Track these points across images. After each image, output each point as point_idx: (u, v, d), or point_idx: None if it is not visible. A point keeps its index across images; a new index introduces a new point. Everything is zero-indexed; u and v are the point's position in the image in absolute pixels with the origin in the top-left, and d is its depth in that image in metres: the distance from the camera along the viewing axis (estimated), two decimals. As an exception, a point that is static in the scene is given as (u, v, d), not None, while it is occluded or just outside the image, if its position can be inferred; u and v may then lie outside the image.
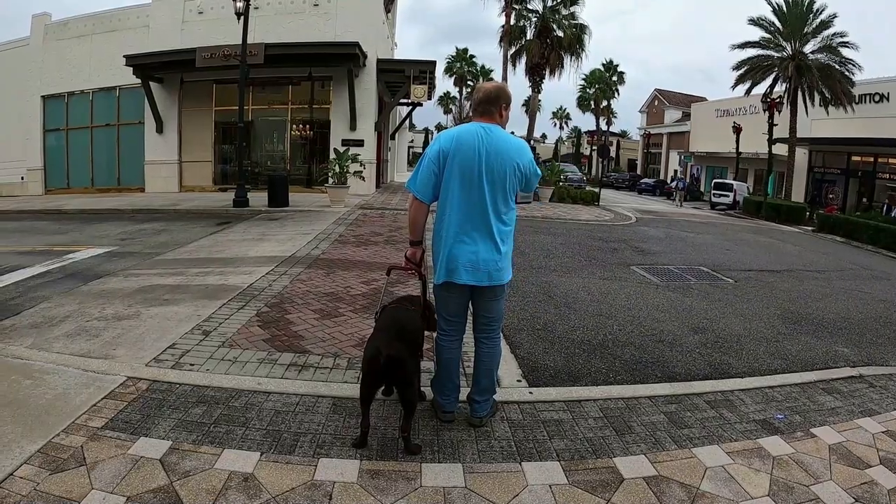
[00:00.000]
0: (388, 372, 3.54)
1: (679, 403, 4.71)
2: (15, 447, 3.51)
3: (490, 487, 3.35)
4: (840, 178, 35.07)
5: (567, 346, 6.18)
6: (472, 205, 3.75)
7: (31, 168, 25.34)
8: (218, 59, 20.27)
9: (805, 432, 4.28)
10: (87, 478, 3.24)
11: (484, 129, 3.78)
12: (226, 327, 6.05)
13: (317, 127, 22.98)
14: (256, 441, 3.71)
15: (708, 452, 3.88)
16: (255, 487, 3.22)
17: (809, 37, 30.38)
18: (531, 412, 4.39)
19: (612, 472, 3.58)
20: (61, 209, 18.28)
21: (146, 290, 7.59)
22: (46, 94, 25.19)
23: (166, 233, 13.18)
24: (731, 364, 5.92)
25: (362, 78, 21.95)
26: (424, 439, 3.84)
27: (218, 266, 9.17)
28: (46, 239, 12.60)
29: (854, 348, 6.71)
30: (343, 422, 4.03)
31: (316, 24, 22.03)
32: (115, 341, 5.59)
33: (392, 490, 3.27)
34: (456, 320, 4.09)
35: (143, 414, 4.02)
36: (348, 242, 11.68)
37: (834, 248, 17.73)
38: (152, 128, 23.17)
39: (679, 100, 62.94)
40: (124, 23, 23.87)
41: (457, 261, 3.78)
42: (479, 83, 4.63)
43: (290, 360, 5.19)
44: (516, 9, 38.25)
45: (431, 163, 3.78)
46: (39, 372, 4.70)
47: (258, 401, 4.31)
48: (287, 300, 7.21)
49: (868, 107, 31.37)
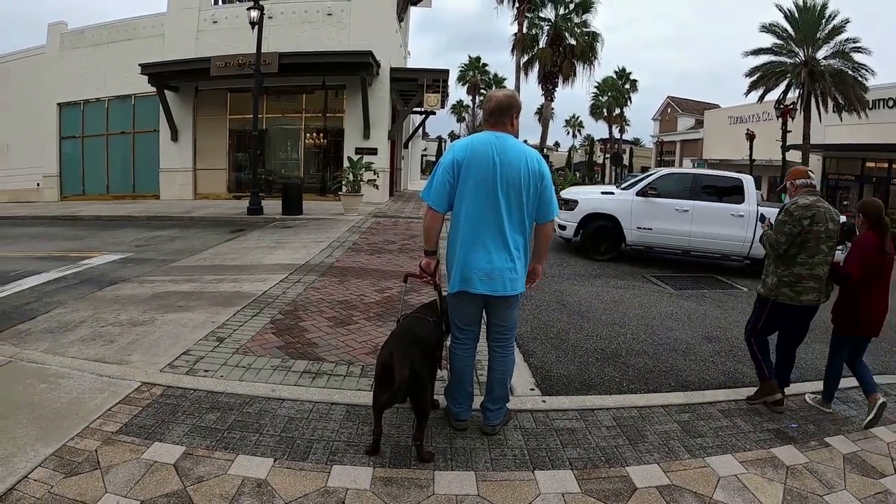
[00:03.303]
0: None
1: (692, 412, 4.69)
2: (30, 450, 3.55)
3: (503, 495, 3.35)
4: (854, 185, 34.80)
5: (580, 354, 6.18)
6: (487, 214, 3.76)
7: (47, 174, 25.53)
8: (232, 67, 20.38)
9: (819, 441, 4.27)
10: (101, 481, 3.27)
11: (497, 138, 3.79)
12: (240, 334, 6.08)
13: (330, 135, 23.07)
14: (270, 447, 3.73)
15: (721, 462, 3.87)
16: (268, 493, 3.24)
17: (822, 42, 30.19)
18: (544, 421, 4.39)
19: (625, 481, 3.57)
20: (77, 215, 18.41)
21: (161, 297, 7.64)
22: (62, 102, 25.40)
23: (181, 240, 13.25)
24: (744, 373, 5.89)
25: (376, 86, 22.01)
26: (437, 447, 3.85)
27: (232, 273, 9.21)
28: (62, 245, 12.70)
29: (869, 357, 6.63)
30: (356, 429, 4.04)
31: (329, 33, 22.13)
32: (130, 347, 5.63)
33: (405, 497, 3.28)
34: (470, 329, 4.10)
35: (158, 419, 4.05)
36: (362, 250, 11.72)
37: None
38: (167, 135, 23.32)
39: (692, 107, 62.68)
40: (139, 32, 24.06)
41: (471, 270, 3.78)
42: (490, 91, 4.60)
43: (303, 368, 5.21)
44: (528, 17, 38.36)
45: (445, 173, 3.78)
46: (55, 376, 4.74)
47: (272, 407, 4.33)
48: (301, 308, 7.23)
49: (882, 112, 31.15)
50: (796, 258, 4.81)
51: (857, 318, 4.87)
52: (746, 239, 11.74)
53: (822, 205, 4.83)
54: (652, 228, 12.15)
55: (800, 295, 4.81)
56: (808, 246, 4.77)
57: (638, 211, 12.19)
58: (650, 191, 12.24)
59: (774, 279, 4.94)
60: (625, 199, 12.40)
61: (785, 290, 4.86)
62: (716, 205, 12.01)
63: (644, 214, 12.17)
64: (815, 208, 4.77)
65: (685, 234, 12.00)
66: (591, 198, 13.00)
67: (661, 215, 12.08)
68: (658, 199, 12.13)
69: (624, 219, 12.28)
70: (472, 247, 3.79)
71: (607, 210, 12.45)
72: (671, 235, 12.14)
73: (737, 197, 12.01)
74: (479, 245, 3.78)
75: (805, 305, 4.85)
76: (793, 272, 4.82)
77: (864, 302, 4.83)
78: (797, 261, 4.81)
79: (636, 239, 12.36)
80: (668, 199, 12.13)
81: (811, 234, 4.75)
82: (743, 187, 12.04)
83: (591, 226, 12.53)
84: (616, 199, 12.56)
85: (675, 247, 12.43)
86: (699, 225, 11.91)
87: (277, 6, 21.98)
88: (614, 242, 12.50)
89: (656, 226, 12.13)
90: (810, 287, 4.79)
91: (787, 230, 4.78)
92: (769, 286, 4.99)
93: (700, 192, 12.22)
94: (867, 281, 4.77)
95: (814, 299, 4.82)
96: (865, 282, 4.77)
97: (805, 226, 4.74)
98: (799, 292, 4.81)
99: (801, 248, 4.79)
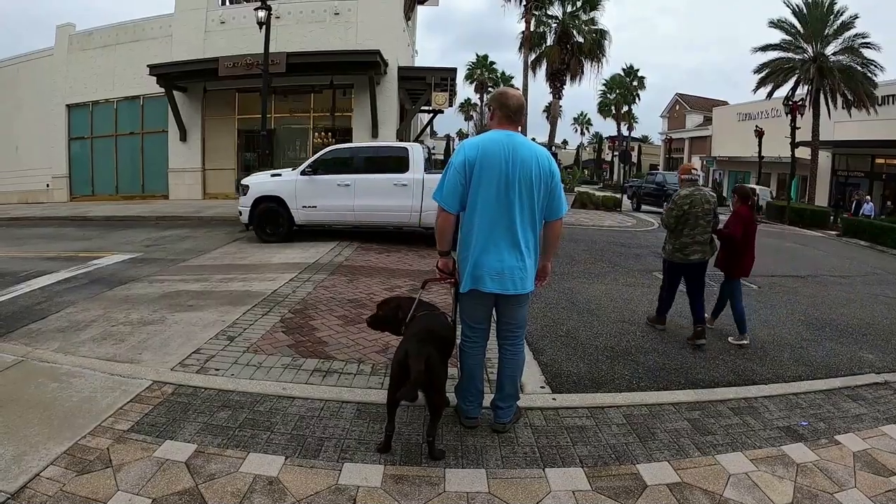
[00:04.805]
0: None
1: (702, 410, 4.69)
2: (42, 448, 3.57)
3: (513, 493, 3.36)
4: (864, 181, 34.62)
5: (590, 352, 6.17)
6: (500, 213, 3.75)
7: (56, 175, 25.63)
8: (240, 67, 20.40)
9: (829, 439, 4.25)
10: (113, 479, 3.29)
11: (508, 137, 3.79)
12: (250, 333, 6.11)
13: (339, 134, 23.03)
14: (281, 445, 3.75)
15: (731, 459, 3.86)
16: (279, 491, 3.25)
17: (831, 38, 30.12)
18: (554, 418, 4.39)
19: (636, 479, 3.57)
20: (86, 216, 18.49)
21: (171, 296, 7.66)
22: (71, 103, 25.50)
23: (190, 239, 13.31)
24: (754, 370, 5.88)
25: (384, 85, 21.99)
26: (448, 445, 3.85)
27: (241, 272, 9.24)
28: (71, 245, 12.76)
29: (879, 354, 6.63)
30: (367, 427, 4.05)
31: (337, 32, 22.14)
32: (141, 346, 5.66)
33: (416, 495, 3.29)
34: (480, 327, 4.11)
35: (169, 417, 4.07)
36: (371, 249, 11.74)
37: (858, 253, 17.53)
38: (176, 136, 23.39)
39: (700, 104, 62.48)
40: (147, 33, 24.12)
41: (482, 269, 3.78)
42: (500, 87, 4.59)
43: (314, 366, 5.23)
44: (536, 15, 38.29)
45: (457, 173, 3.76)
46: (66, 375, 4.77)
47: (283, 405, 4.35)
48: (311, 306, 7.25)
49: (891, 108, 31.01)
50: (682, 231, 6.73)
51: (741, 265, 7.01)
52: (413, 208, 11.78)
53: (698, 192, 6.75)
54: (317, 206, 12.17)
55: (688, 256, 6.76)
56: (689, 222, 6.67)
57: (302, 190, 12.18)
58: (308, 170, 12.28)
59: (670, 247, 6.93)
60: (289, 180, 12.41)
61: (677, 255, 6.83)
62: (378, 176, 12.06)
63: (308, 193, 12.16)
64: (693, 196, 6.69)
65: (349, 208, 12.05)
66: (260, 181, 12.97)
67: (324, 192, 12.09)
68: (320, 177, 12.15)
69: (289, 199, 12.26)
70: (485, 247, 3.78)
71: (274, 192, 12.40)
72: (336, 211, 12.22)
73: (401, 167, 12.00)
74: (491, 245, 3.78)
75: (693, 262, 6.79)
76: (681, 241, 6.76)
77: (742, 252, 6.94)
78: (683, 233, 6.73)
79: (303, 218, 12.38)
80: (331, 175, 12.16)
81: (691, 215, 6.65)
82: (408, 157, 12.04)
83: (259, 209, 12.47)
84: (282, 180, 12.55)
85: (343, 222, 12.60)
86: (362, 198, 11.92)
87: (285, 6, 22.01)
88: (285, 224, 12.44)
89: (321, 203, 12.14)
90: (696, 249, 6.71)
91: (674, 214, 6.73)
92: (668, 252, 6.99)
93: (363, 166, 12.45)
94: (745, 238, 6.86)
95: (700, 258, 6.77)
96: (744, 239, 6.86)
97: (685, 209, 6.65)
98: (687, 255, 6.75)
99: (685, 224, 6.70)
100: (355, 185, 11.96)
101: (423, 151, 12.27)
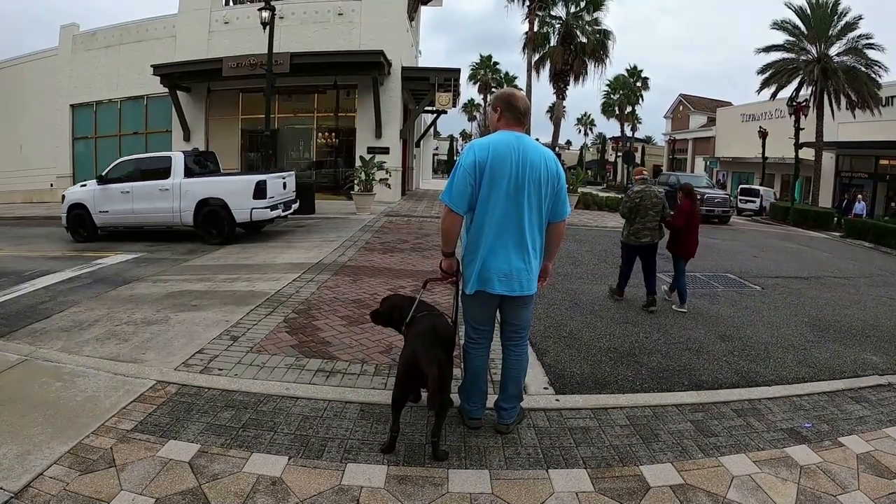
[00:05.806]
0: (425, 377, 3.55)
1: (706, 412, 4.68)
2: (45, 447, 3.58)
3: (516, 494, 3.36)
4: (868, 182, 34.51)
5: (594, 353, 6.16)
6: (509, 215, 3.74)
7: (60, 175, 25.67)
8: (244, 68, 20.45)
9: (833, 441, 4.24)
10: (117, 479, 3.30)
11: (517, 138, 3.78)
12: (254, 333, 6.12)
13: (342, 135, 23.11)
14: (284, 445, 3.75)
15: (735, 461, 3.85)
16: (282, 491, 3.25)
17: (834, 39, 30.03)
18: (558, 419, 4.39)
19: (639, 480, 3.57)
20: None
21: (174, 296, 7.68)
22: (75, 103, 25.59)
23: (192, 239, 13.30)
24: (758, 372, 5.86)
25: (387, 86, 22.03)
26: (451, 446, 3.85)
27: (245, 272, 9.26)
28: (75, 244, 12.81)
29: (883, 356, 6.61)
30: (370, 427, 4.06)
31: (340, 32, 22.17)
32: (145, 345, 5.67)
33: (419, 496, 3.29)
34: (484, 328, 4.11)
35: (173, 417, 4.08)
36: (374, 249, 11.74)
37: (862, 254, 17.47)
38: (180, 136, 23.40)
39: (704, 105, 62.33)
40: (151, 33, 24.19)
41: (490, 270, 3.77)
42: (506, 88, 4.57)
43: (317, 366, 5.23)
44: (539, 15, 38.21)
45: (466, 174, 3.72)
46: (70, 374, 4.79)
47: (286, 406, 4.35)
48: (314, 307, 7.26)
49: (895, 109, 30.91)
50: (634, 219, 8.37)
51: (688, 247, 8.45)
52: (174, 209, 13.21)
53: (648, 189, 8.41)
54: (108, 211, 13.66)
55: (640, 239, 8.35)
56: (640, 213, 8.29)
57: (99, 197, 13.69)
58: (102, 179, 13.83)
59: (626, 232, 8.54)
60: (90, 189, 13.99)
61: (631, 237, 8.44)
62: (148, 182, 13.43)
63: (102, 200, 13.65)
64: (644, 192, 8.34)
65: (130, 212, 13.56)
66: (72, 191, 14.64)
67: (113, 199, 13.59)
68: (110, 185, 13.67)
69: (90, 205, 13.75)
70: (494, 249, 3.77)
71: (80, 200, 13.91)
72: (122, 215, 13.68)
73: (166, 174, 13.30)
74: (500, 247, 3.76)
75: (644, 244, 8.34)
76: (634, 227, 8.38)
77: (686, 237, 8.42)
78: (636, 221, 8.35)
79: (101, 222, 13.83)
80: (117, 184, 13.66)
81: (641, 207, 8.27)
82: (171, 165, 13.36)
83: (72, 214, 13.94)
84: (86, 189, 14.12)
85: (127, 224, 13.97)
86: (138, 202, 13.41)
87: (288, 6, 22.07)
88: (89, 227, 13.83)
89: (111, 208, 13.63)
90: (646, 234, 8.31)
91: (628, 206, 8.44)
92: (625, 236, 8.59)
93: (140, 175, 13.78)
94: (688, 226, 8.35)
95: (649, 240, 8.32)
96: (687, 227, 8.35)
97: (636, 203, 8.29)
98: (639, 238, 8.35)
99: (637, 214, 8.33)
100: (133, 191, 13.45)
101: (184, 159, 13.57)
